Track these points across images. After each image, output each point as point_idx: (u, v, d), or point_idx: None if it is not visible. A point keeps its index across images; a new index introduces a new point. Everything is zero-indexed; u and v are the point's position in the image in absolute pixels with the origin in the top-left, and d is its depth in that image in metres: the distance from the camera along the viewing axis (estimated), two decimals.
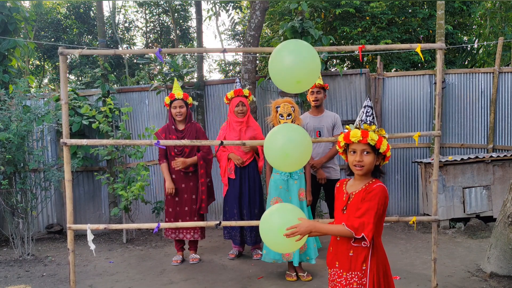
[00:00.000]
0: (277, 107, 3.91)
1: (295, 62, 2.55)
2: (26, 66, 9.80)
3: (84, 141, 3.07)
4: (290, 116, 3.87)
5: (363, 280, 2.10)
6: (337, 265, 2.18)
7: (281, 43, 2.68)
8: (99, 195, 6.65)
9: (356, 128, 2.15)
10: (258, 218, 4.50)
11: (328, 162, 4.68)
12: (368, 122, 2.15)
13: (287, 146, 2.62)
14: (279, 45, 2.65)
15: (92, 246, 2.96)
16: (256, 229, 4.59)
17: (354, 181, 2.22)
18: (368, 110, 2.18)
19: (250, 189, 4.63)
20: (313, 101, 4.60)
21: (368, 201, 2.07)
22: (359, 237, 2.05)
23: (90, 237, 2.93)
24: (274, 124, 3.96)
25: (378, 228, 2.15)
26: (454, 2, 8.44)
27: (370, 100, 2.23)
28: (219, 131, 4.78)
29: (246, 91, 4.63)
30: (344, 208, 2.17)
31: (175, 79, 4.89)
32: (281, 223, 2.25)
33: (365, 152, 2.12)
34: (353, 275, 2.12)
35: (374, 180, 2.17)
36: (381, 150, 2.12)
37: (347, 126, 2.21)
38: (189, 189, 4.61)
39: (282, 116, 3.87)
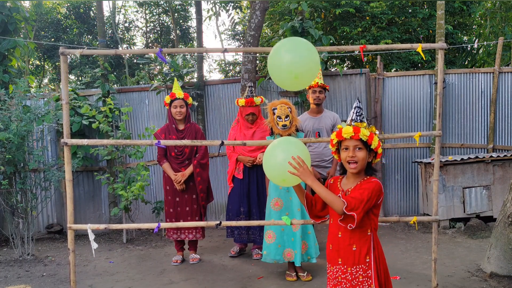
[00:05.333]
0: (274, 109, 3.91)
1: (293, 59, 2.51)
2: (26, 66, 9.80)
3: (84, 141, 3.06)
4: (288, 118, 3.87)
5: (368, 272, 2.16)
6: (340, 262, 2.22)
7: (280, 40, 2.64)
8: (99, 195, 6.65)
9: (347, 125, 2.21)
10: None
11: (327, 162, 4.70)
12: (359, 120, 2.21)
13: (286, 161, 2.40)
14: (278, 43, 2.62)
15: (95, 246, 2.95)
16: (261, 228, 4.57)
17: (348, 179, 2.27)
18: (358, 111, 2.25)
19: (258, 188, 4.62)
20: (315, 99, 4.62)
21: (363, 189, 2.14)
22: (349, 213, 2.09)
23: (91, 236, 2.93)
24: (273, 126, 3.96)
25: (375, 222, 2.22)
26: (454, 2, 8.44)
27: (359, 102, 2.30)
28: (230, 130, 4.77)
29: (257, 100, 4.51)
30: None
31: (175, 78, 4.88)
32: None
33: (357, 148, 2.18)
34: (358, 269, 2.17)
35: (368, 177, 2.22)
36: (372, 146, 2.18)
37: (338, 125, 2.26)
38: (189, 189, 4.60)
39: (280, 118, 3.86)
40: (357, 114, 2.23)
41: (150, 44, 12.51)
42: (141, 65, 11.06)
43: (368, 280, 2.15)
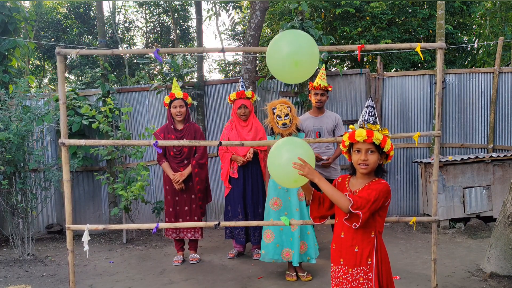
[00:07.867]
0: (273, 109, 3.91)
1: (293, 49, 2.44)
2: (26, 66, 9.81)
3: (82, 141, 3.05)
4: (288, 116, 3.87)
5: (369, 275, 2.15)
6: (341, 262, 2.22)
7: (278, 34, 2.57)
8: (99, 195, 6.65)
9: (360, 127, 2.19)
10: (262, 218, 4.52)
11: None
12: (372, 121, 2.19)
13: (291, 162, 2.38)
14: (276, 36, 2.55)
15: (86, 247, 2.93)
16: (260, 227, 4.57)
17: (357, 180, 2.26)
18: (371, 110, 2.22)
19: (253, 188, 4.61)
20: (316, 102, 4.60)
21: (371, 189, 2.13)
22: (354, 211, 2.08)
23: (86, 238, 2.92)
24: (273, 126, 3.96)
25: (381, 224, 2.20)
26: (454, 2, 8.44)
27: (372, 100, 2.26)
28: (223, 131, 4.76)
29: (249, 93, 4.57)
30: None
31: (174, 79, 4.88)
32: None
33: (369, 151, 2.16)
34: (358, 271, 2.17)
35: (377, 178, 2.22)
36: (385, 150, 2.17)
37: (351, 126, 2.23)
38: (189, 189, 4.60)
39: (279, 117, 3.86)
40: (370, 114, 2.20)
41: (150, 44, 12.52)
42: (141, 65, 11.07)
43: (369, 283, 2.14)
